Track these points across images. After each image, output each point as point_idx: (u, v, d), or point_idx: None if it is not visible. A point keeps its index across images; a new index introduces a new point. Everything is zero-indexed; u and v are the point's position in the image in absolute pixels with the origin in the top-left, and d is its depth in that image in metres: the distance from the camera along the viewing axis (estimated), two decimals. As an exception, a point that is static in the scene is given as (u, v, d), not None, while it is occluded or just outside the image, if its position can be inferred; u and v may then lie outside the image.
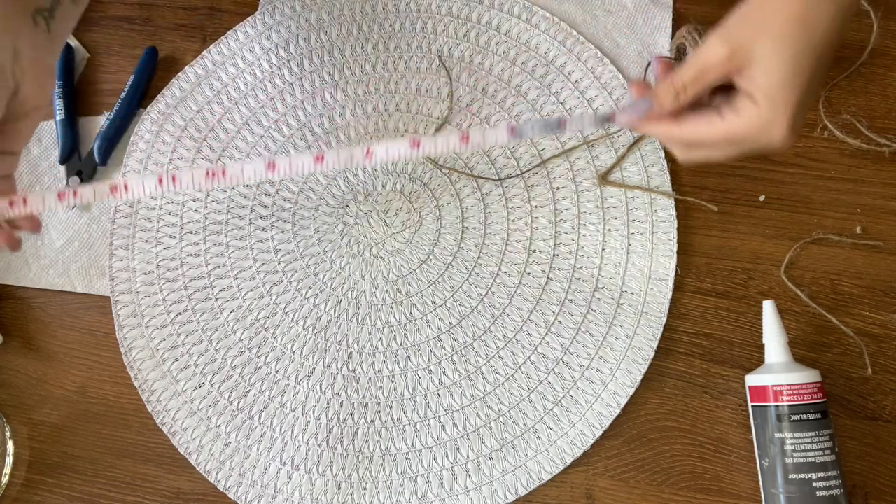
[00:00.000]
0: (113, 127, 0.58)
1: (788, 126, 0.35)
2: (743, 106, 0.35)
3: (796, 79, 0.34)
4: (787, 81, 0.34)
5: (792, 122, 0.35)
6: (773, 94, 0.34)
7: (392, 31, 0.60)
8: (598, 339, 0.52)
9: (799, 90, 0.34)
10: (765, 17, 0.35)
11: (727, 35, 0.35)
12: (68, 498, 0.51)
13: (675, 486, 0.49)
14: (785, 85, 0.34)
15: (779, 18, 0.34)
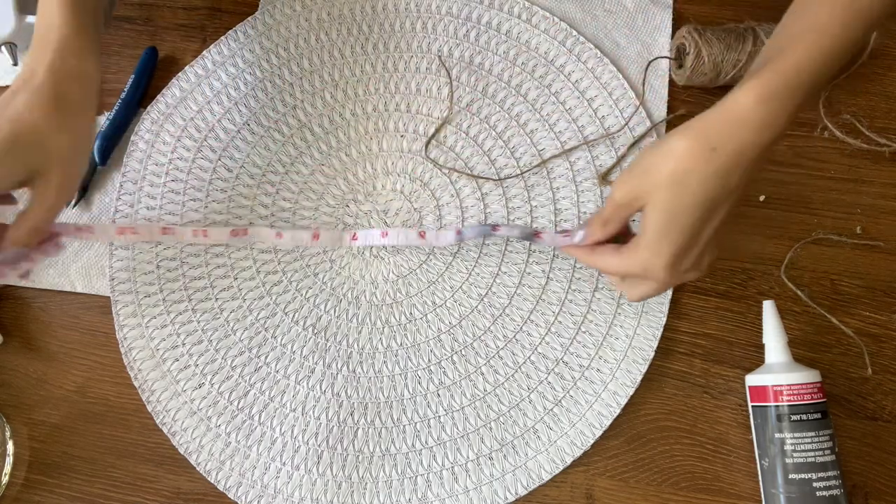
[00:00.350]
0: (113, 127, 0.58)
1: (665, 270, 0.40)
2: (632, 248, 0.41)
3: (671, 233, 0.39)
4: (662, 235, 0.39)
5: (669, 270, 0.40)
6: (651, 244, 0.40)
7: (392, 31, 0.60)
8: (598, 339, 0.52)
9: (674, 241, 0.39)
10: (651, 174, 0.39)
11: (626, 181, 0.41)
12: (68, 498, 0.51)
13: (675, 486, 0.49)
14: (660, 238, 0.39)
15: (659, 178, 0.39)
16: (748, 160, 0.38)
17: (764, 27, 0.54)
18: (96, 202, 0.57)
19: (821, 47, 0.38)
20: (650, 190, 0.39)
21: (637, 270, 0.42)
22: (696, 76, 0.55)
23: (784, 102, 0.37)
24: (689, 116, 0.56)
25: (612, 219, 0.43)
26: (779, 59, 0.38)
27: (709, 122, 0.38)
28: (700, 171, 0.38)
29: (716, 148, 0.37)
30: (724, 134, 0.38)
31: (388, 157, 0.57)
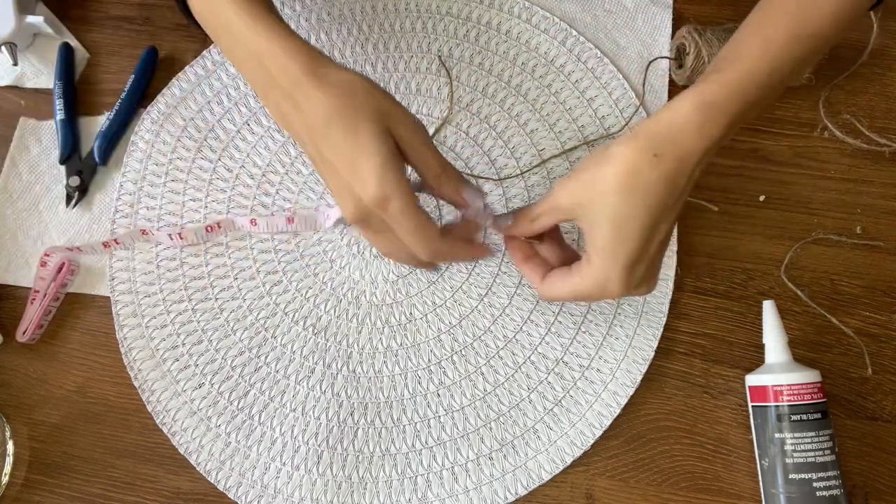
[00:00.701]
0: (113, 127, 0.58)
1: (621, 283, 0.39)
2: (584, 267, 0.40)
3: (625, 245, 0.38)
4: (613, 244, 0.39)
5: (624, 280, 0.39)
6: (605, 255, 0.39)
7: (392, 31, 0.60)
8: (598, 339, 0.52)
9: (628, 253, 0.39)
10: (597, 182, 0.38)
11: (569, 188, 0.40)
12: (68, 498, 0.51)
13: (675, 486, 0.49)
14: (612, 247, 0.39)
15: (604, 186, 0.38)
16: (691, 166, 0.38)
17: (764, 27, 0.54)
18: (96, 202, 0.57)
19: (765, 62, 0.39)
20: (595, 198, 0.39)
21: (593, 290, 0.41)
22: (696, 76, 0.55)
23: (722, 111, 0.38)
24: (689, 116, 0.57)
25: (544, 218, 0.43)
26: (723, 70, 0.39)
27: (650, 128, 0.38)
28: (645, 177, 0.38)
29: (658, 154, 0.38)
30: (666, 140, 0.38)
31: (388, 157, 0.57)
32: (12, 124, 0.60)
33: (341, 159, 0.40)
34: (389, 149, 0.40)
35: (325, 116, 0.40)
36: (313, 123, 0.40)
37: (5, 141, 0.59)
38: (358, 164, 0.39)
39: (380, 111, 0.40)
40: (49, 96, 0.60)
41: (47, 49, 0.61)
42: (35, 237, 0.57)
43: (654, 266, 0.41)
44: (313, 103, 0.40)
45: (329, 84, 0.40)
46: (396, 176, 0.39)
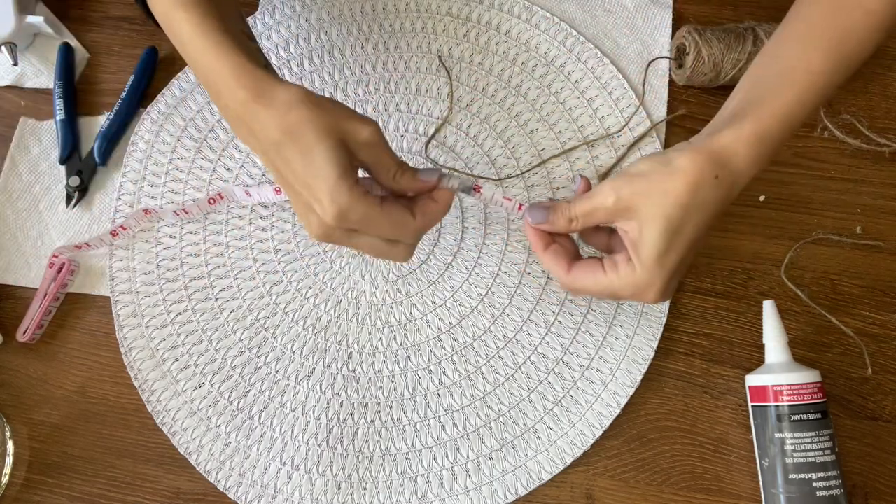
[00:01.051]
0: (113, 127, 0.58)
1: (660, 291, 0.40)
2: (623, 268, 0.40)
3: (672, 255, 0.39)
4: (663, 257, 0.39)
5: (664, 288, 0.40)
6: (650, 265, 0.39)
7: (392, 31, 0.60)
8: (598, 339, 0.52)
9: (673, 264, 0.39)
10: (658, 191, 0.39)
11: (619, 191, 0.40)
12: (68, 498, 0.51)
13: (675, 486, 0.49)
14: (662, 260, 0.39)
15: (669, 198, 0.38)
16: (738, 191, 0.40)
17: (764, 27, 0.54)
18: (96, 202, 0.57)
19: (810, 94, 0.40)
20: (653, 206, 0.39)
21: (628, 289, 0.41)
22: (696, 76, 0.55)
23: (773, 144, 0.39)
24: (689, 116, 0.57)
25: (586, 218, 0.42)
26: (773, 102, 0.40)
27: (714, 149, 0.39)
28: (706, 195, 0.39)
29: (718, 176, 0.39)
30: (726, 164, 0.39)
31: (388, 157, 0.57)
32: (12, 124, 0.60)
33: (298, 181, 0.40)
34: (340, 165, 0.40)
35: (277, 139, 0.40)
36: (266, 147, 0.41)
37: (5, 141, 0.59)
38: (314, 186, 0.40)
39: (330, 125, 0.40)
40: (49, 96, 0.60)
41: (47, 49, 0.61)
42: (35, 237, 0.57)
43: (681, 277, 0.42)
44: (264, 126, 0.41)
45: (277, 105, 0.41)
46: (350, 190, 0.39)
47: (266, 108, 0.40)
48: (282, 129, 0.40)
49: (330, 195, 0.39)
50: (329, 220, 0.40)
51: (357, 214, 0.40)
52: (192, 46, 0.42)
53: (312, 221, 0.41)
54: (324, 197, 0.39)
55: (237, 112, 0.41)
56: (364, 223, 0.41)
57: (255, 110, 0.40)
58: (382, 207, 0.41)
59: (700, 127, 0.56)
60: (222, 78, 0.41)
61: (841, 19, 0.40)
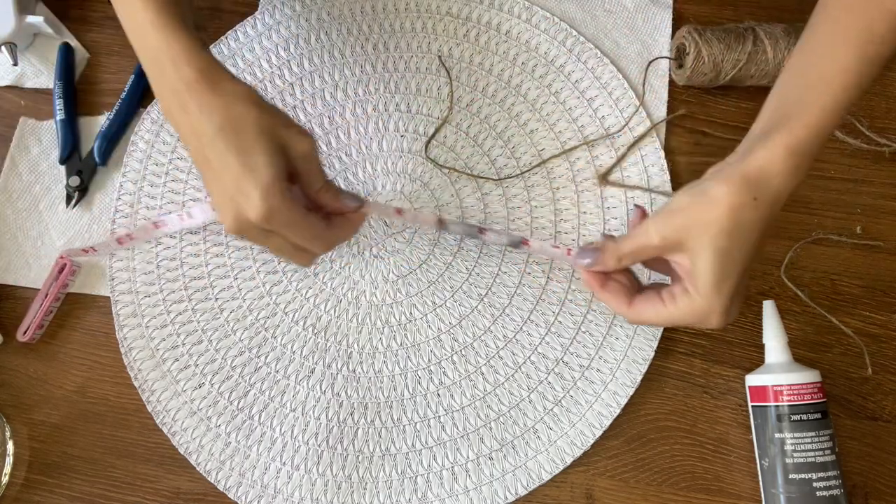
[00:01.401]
0: (113, 127, 0.58)
1: (722, 315, 0.40)
2: (682, 299, 0.41)
3: (727, 281, 0.40)
4: (719, 282, 0.40)
5: (725, 313, 0.40)
6: (708, 293, 0.40)
7: (392, 31, 0.60)
8: (598, 339, 0.52)
9: (730, 289, 0.40)
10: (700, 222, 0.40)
11: (663, 230, 0.41)
12: (68, 498, 0.51)
13: (675, 486, 0.49)
14: (718, 286, 0.40)
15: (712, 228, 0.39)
16: (781, 205, 0.40)
17: (764, 27, 0.54)
18: (96, 202, 0.57)
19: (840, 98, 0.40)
20: (696, 237, 0.40)
21: (691, 318, 0.42)
22: (696, 76, 0.55)
23: (810, 153, 0.39)
24: (689, 116, 0.57)
25: (634, 256, 0.43)
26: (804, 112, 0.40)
27: (748, 173, 0.39)
28: (747, 219, 0.39)
29: (756, 198, 0.39)
30: (762, 185, 0.39)
31: (388, 157, 0.57)
32: (12, 124, 0.60)
33: (227, 172, 0.41)
34: (277, 168, 0.41)
35: (216, 126, 0.40)
36: (202, 130, 0.41)
37: (5, 141, 0.59)
38: (244, 181, 0.40)
39: (272, 128, 0.41)
40: (49, 96, 0.60)
41: (47, 49, 0.61)
42: (35, 237, 0.57)
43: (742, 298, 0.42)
44: (205, 110, 0.41)
45: (223, 93, 0.41)
46: (281, 194, 0.40)
47: (213, 93, 0.41)
48: (224, 119, 0.40)
49: (263, 194, 0.40)
50: (255, 217, 0.40)
51: (283, 217, 0.41)
52: (142, 24, 0.42)
53: (231, 214, 0.41)
54: (255, 195, 0.40)
55: (178, 89, 0.41)
56: (286, 227, 0.42)
57: (201, 92, 0.41)
58: (308, 217, 0.43)
59: (700, 127, 0.57)
60: (172, 55, 0.41)
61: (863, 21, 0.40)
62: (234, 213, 0.41)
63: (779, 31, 0.54)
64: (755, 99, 0.56)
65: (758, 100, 0.44)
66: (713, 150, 0.56)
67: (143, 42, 0.43)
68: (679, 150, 0.56)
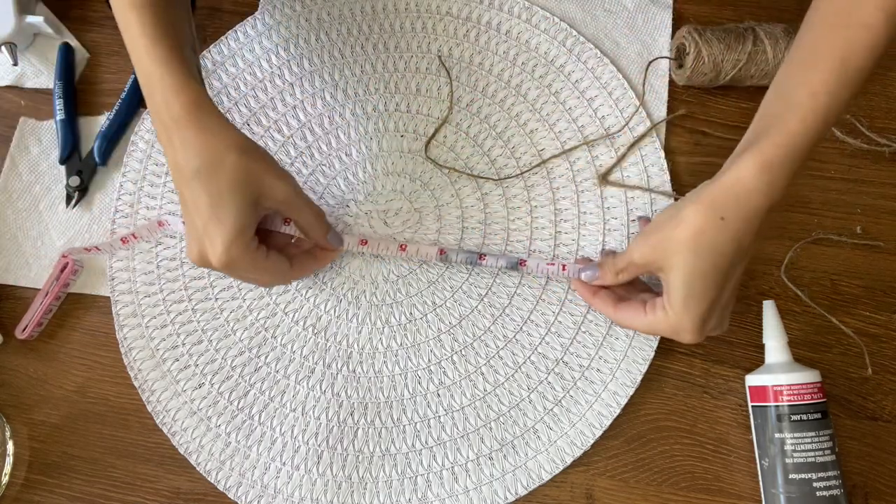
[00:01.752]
0: (113, 127, 0.58)
1: (693, 332, 0.43)
2: (659, 312, 0.44)
3: (695, 298, 0.42)
4: (687, 300, 0.42)
5: (695, 330, 0.43)
6: (678, 308, 0.42)
7: (392, 31, 0.60)
8: (598, 339, 0.52)
9: (699, 305, 0.42)
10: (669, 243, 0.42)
11: (641, 248, 0.44)
12: (68, 498, 0.51)
13: (675, 486, 0.49)
14: (686, 303, 0.42)
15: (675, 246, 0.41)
16: (755, 224, 0.41)
17: (764, 27, 0.54)
18: (96, 202, 0.57)
19: (817, 114, 0.40)
20: (667, 256, 0.42)
21: (665, 331, 0.44)
22: (696, 76, 0.55)
23: (783, 170, 0.40)
24: (689, 116, 0.57)
25: (626, 272, 0.47)
26: (777, 130, 0.40)
27: (716, 193, 0.41)
28: (713, 240, 0.40)
29: (724, 217, 0.40)
30: (731, 204, 0.40)
31: (388, 157, 0.57)
32: (12, 124, 0.60)
33: (198, 214, 0.42)
34: (244, 221, 0.42)
35: (194, 167, 0.41)
36: (181, 166, 0.42)
37: (5, 141, 0.59)
38: (211, 227, 0.42)
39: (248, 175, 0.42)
40: (49, 96, 0.60)
41: (47, 49, 0.61)
42: (35, 237, 0.57)
43: (726, 312, 0.44)
44: (186, 147, 0.42)
45: (207, 133, 0.42)
46: (244, 246, 0.43)
47: (196, 132, 0.42)
48: (202, 161, 0.41)
49: (225, 246, 0.42)
50: (216, 263, 0.43)
51: (243, 265, 0.44)
52: (138, 49, 0.43)
53: (196, 251, 0.43)
54: (218, 245, 0.42)
55: (166, 123, 0.42)
56: (245, 272, 0.45)
57: (185, 129, 0.42)
58: (267, 259, 0.45)
59: (700, 127, 0.57)
60: (163, 86, 0.42)
61: (841, 38, 0.40)
62: (198, 251, 0.43)
63: (779, 31, 0.54)
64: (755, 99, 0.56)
65: (757, 100, 0.44)
66: (713, 150, 0.56)
67: (138, 65, 0.43)
68: (679, 150, 0.56)
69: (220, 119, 0.43)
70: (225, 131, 0.43)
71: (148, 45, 0.42)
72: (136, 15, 0.42)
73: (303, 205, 0.47)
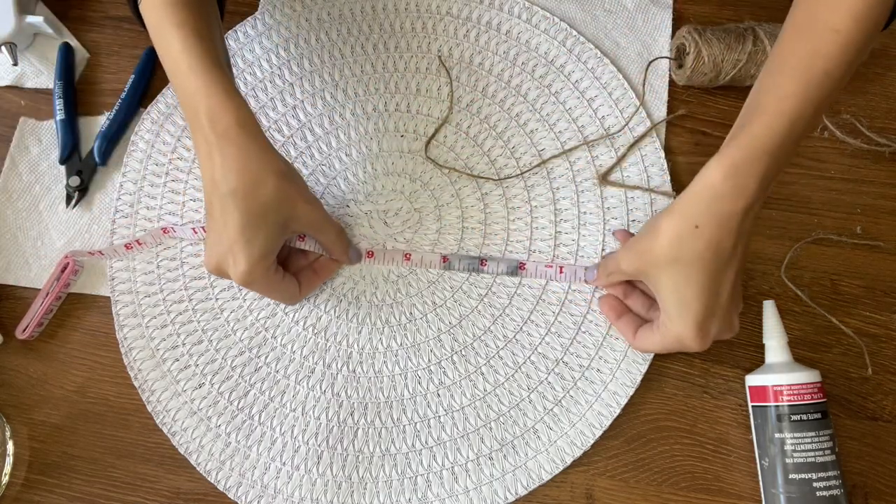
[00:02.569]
0: (113, 127, 0.58)
1: (695, 338, 0.42)
2: (662, 327, 0.44)
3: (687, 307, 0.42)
4: (679, 310, 0.42)
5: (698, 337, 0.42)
6: (675, 319, 0.43)
7: (392, 31, 0.60)
8: (598, 339, 0.52)
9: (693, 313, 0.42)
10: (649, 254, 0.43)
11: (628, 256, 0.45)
12: (68, 498, 0.51)
13: (675, 486, 0.49)
14: (679, 313, 0.42)
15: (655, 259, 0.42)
16: (734, 226, 0.40)
17: (764, 27, 0.54)
18: (96, 202, 0.57)
19: (783, 116, 0.40)
20: (650, 269, 0.43)
21: (674, 345, 0.44)
22: (696, 76, 0.55)
23: (749, 172, 0.40)
24: (689, 116, 0.57)
25: (614, 277, 0.48)
26: (741, 134, 0.41)
27: (688, 201, 0.41)
28: (692, 248, 0.41)
29: (698, 225, 0.40)
30: (703, 211, 0.41)
31: (388, 157, 0.57)
32: (12, 124, 0.60)
33: (226, 232, 0.43)
34: (271, 248, 0.44)
35: (231, 186, 0.42)
36: (218, 182, 0.42)
37: (5, 141, 0.59)
38: (237, 248, 0.43)
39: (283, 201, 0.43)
40: (49, 96, 0.60)
41: (47, 49, 0.61)
42: (35, 237, 0.57)
43: (729, 316, 0.44)
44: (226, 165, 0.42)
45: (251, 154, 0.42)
46: (265, 270, 0.44)
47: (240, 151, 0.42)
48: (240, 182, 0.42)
49: (249, 268, 0.43)
50: (235, 279, 0.44)
51: (259, 286, 0.45)
52: (181, 67, 0.43)
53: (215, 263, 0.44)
54: (242, 265, 0.43)
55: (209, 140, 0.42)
56: (260, 291, 0.47)
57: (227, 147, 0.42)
58: (283, 281, 0.47)
59: (700, 127, 0.57)
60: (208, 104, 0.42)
61: (808, 42, 0.40)
62: (217, 263, 0.45)
63: (779, 31, 0.54)
64: (755, 99, 0.56)
65: (758, 100, 0.44)
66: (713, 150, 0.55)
67: (180, 83, 0.43)
68: (679, 150, 0.56)
69: (263, 141, 0.43)
70: (267, 155, 0.43)
71: (192, 62, 0.42)
72: (179, 34, 0.43)
73: (329, 226, 0.49)
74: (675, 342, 0.44)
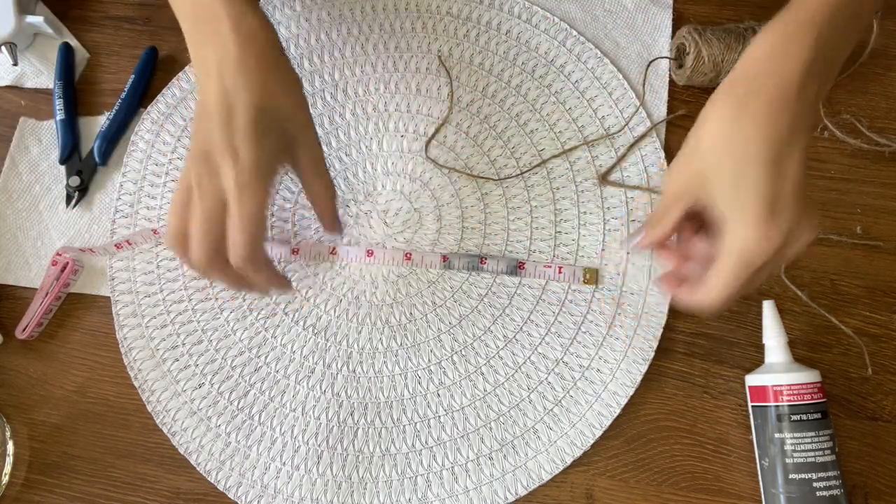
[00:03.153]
0: (113, 127, 0.58)
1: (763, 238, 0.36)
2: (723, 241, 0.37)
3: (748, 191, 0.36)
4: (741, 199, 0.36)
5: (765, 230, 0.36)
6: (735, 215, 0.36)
7: (392, 31, 0.60)
8: (598, 339, 0.52)
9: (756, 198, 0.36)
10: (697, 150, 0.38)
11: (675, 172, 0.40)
12: (68, 498, 0.51)
13: (675, 486, 0.49)
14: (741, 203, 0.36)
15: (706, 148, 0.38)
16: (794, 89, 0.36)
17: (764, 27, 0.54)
18: (96, 202, 0.57)
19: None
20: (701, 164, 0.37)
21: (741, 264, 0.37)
22: (696, 76, 0.55)
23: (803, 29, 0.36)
24: (689, 116, 0.57)
25: (668, 215, 0.40)
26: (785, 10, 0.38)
27: (731, 77, 0.38)
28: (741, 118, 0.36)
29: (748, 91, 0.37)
30: (752, 75, 0.37)
31: (388, 157, 0.57)
32: (12, 124, 0.60)
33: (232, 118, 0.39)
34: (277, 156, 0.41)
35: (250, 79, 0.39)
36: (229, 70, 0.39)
37: (5, 141, 0.59)
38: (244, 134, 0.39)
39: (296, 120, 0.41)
40: (49, 96, 0.60)
41: (47, 49, 0.61)
42: (35, 237, 0.57)
43: (799, 204, 0.36)
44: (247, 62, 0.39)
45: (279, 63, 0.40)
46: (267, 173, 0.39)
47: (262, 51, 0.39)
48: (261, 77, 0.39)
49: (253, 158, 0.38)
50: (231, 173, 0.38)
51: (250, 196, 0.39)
52: None
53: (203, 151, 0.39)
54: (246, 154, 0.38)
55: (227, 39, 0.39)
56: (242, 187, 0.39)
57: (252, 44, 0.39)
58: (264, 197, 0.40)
59: (700, 127, 0.57)
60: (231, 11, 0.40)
61: None
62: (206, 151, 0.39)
63: (779, 31, 0.54)
64: (755, 99, 0.56)
65: (758, 100, 0.44)
66: None
67: None
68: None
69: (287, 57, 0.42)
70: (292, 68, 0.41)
71: None
72: None
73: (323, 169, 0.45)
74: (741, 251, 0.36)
